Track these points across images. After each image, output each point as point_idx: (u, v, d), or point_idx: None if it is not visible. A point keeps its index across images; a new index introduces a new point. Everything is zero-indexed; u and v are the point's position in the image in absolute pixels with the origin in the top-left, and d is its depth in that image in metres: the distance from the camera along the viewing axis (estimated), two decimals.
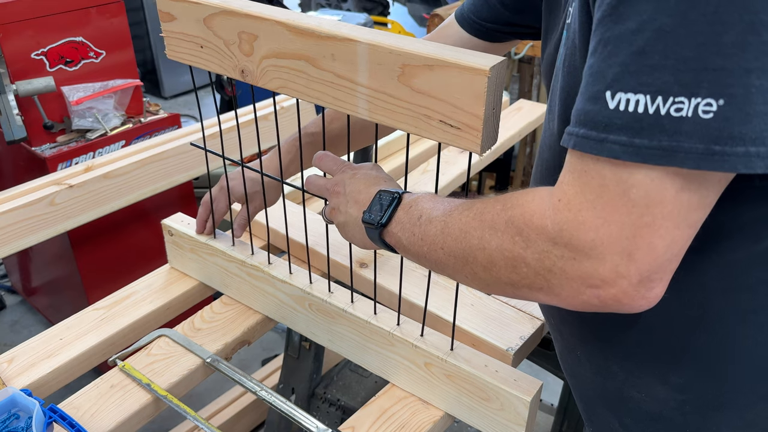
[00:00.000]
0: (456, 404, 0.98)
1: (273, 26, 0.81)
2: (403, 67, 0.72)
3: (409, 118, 0.75)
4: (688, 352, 0.69)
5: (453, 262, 0.68)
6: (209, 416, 1.95)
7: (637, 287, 0.55)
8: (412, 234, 0.73)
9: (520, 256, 0.60)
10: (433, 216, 0.71)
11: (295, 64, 0.82)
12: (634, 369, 0.74)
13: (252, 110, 1.66)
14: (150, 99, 2.59)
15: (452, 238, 0.67)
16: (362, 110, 0.78)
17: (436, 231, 0.70)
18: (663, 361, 0.71)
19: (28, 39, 1.82)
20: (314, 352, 1.45)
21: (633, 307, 0.57)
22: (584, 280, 0.57)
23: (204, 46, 0.91)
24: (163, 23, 0.95)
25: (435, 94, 0.71)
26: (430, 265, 0.74)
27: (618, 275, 0.55)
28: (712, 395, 0.70)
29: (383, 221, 0.76)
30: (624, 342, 0.73)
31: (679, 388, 0.71)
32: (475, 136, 0.70)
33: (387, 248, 0.79)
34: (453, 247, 0.67)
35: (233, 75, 0.89)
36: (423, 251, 0.72)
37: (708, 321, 0.67)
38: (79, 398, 1.04)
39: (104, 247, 2.02)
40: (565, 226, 0.56)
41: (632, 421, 0.78)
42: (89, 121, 1.96)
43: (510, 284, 0.63)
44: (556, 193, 0.58)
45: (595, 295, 0.57)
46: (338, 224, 0.86)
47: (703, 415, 0.71)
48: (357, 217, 0.81)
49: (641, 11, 0.51)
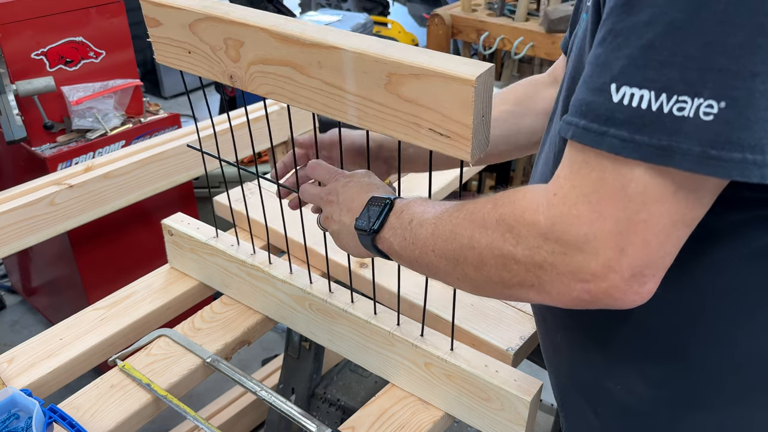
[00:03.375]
0: (456, 404, 0.98)
1: (257, 33, 0.80)
2: (389, 75, 0.71)
3: (398, 125, 0.74)
4: (670, 347, 0.69)
5: (444, 264, 0.68)
6: (209, 416, 1.94)
7: (629, 282, 0.55)
8: (403, 239, 0.73)
9: (510, 253, 0.60)
10: (424, 219, 0.71)
11: (283, 71, 0.80)
12: (614, 359, 0.74)
13: (252, 109, 1.66)
14: (150, 99, 2.59)
15: (443, 240, 0.67)
16: (352, 117, 0.78)
17: (426, 234, 0.69)
18: (643, 354, 0.71)
19: (28, 39, 1.82)
20: (314, 352, 1.45)
21: (625, 302, 0.57)
22: (575, 274, 0.56)
23: (192, 52, 0.90)
24: (150, 28, 0.93)
25: (423, 102, 0.70)
26: (422, 270, 0.73)
27: (609, 269, 0.55)
28: (687, 394, 0.69)
29: (375, 227, 0.76)
30: (607, 330, 0.73)
31: (656, 383, 0.71)
32: (464, 144, 0.69)
33: (381, 255, 0.78)
34: (444, 249, 0.67)
35: (222, 80, 0.88)
36: (415, 255, 0.71)
37: (693, 320, 0.67)
38: (79, 398, 1.04)
39: (104, 247, 2.02)
40: (558, 221, 0.56)
41: (607, 411, 0.78)
42: (89, 121, 1.96)
43: (501, 283, 0.63)
44: (552, 188, 0.58)
45: (586, 290, 0.57)
46: (332, 233, 0.85)
47: (675, 413, 0.71)
48: (350, 224, 0.80)
49: (654, 4, 0.50)
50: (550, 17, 2.38)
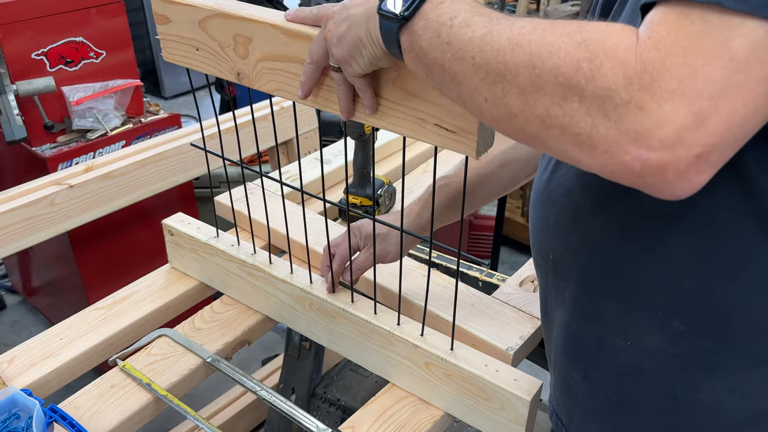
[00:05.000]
0: (456, 404, 0.98)
1: (267, 29, 0.81)
2: (398, 70, 0.72)
3: (404, 121, 0.74)
4: (704, 299, 0.65)
5: (479, 79, 0.57)
6: (209, 416, 1.95)
7: (692, 162, 0.48)
8: (437, 35, 0.60)
9: (578, 86, 0.50)
10: (472, 21, 0.58)
11: (291, 68, 0.81)
12: (634, 308, 0.70)
13: (247, 112, 1.66)
14: (150, 99, 2.59)
15: (493, 49, 0.55)
16: (359, 114, 0.78)
17: (473, 36, 0.57)
18: (672, 303, 0.67)
19: (29, 39, 1.82)
20: (314, 352, 1.45)
21: (672, 187, 0.50)
22: (639, 135, 0.49)
23: (200, 49, 0.91)
24: (159, 25, 0.94)
25: (430, 97, 0.71)
26: (440, 79, 0.62)
27: (680, 140, 0.48)
28: (707, 352, 0.67)
29: (407, 13, 0.62)
30: (637, 274, 0.69)
31: (676, 338, 0.68)
32: (470, 140, 0.70)
33: (395, 51, 0.66)
34: (490, 59, 0.56)
35: (229, 77, 0.89)
36: (443, 59, 0.60)
37: (731, 272, 0.63)
38: (79, 398, 1.04)
39: (104, 247, 2.02)
40: (650, 68, 0.48)
41: (600, 374, 0.75)
42: (89, 121, 1.96)
43: (541, 119, 0.53)
44: (645, 31, 0.50)
45: (640, 158, 0.49)
46: (338, 38, 0.71)
47: (688, 372, 0.69)
48: (371, 8, 0.67)
49: None
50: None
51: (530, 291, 1.19)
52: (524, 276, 1.23)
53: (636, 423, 0.75)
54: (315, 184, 1.52)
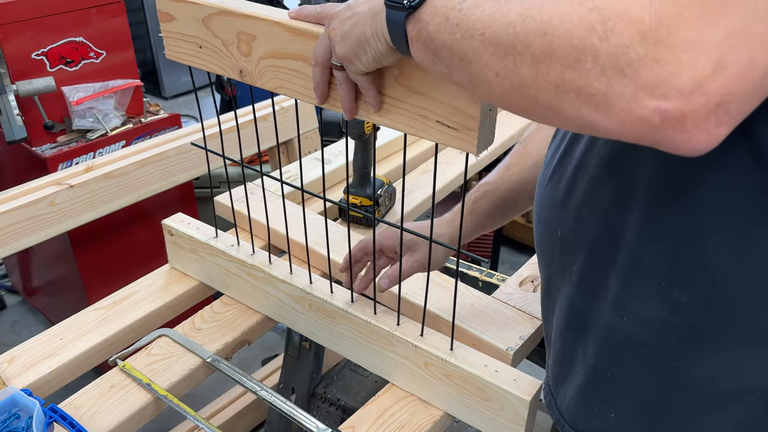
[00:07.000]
0: (456, 404, 0.98)
1: (271, 26, 0.81)
2: (400, 67, 0.72)
3: (406, 118, 0.75)
4: (707, 272, 0.66)
5: (490, 53, 0.56)
6: (209, 416, 1.95)
7: (711, 111, 0.47)
8: (446, 19, 0.60)
9: (592, 46, 0.50)
10: (481, 2, 0.58)
11: (294, 65, 0.82)
12: (636, 281, 0.71)
13: (247, 111, 1.66)
14: (150, 99, 2.58)
15: (504, 23, 0.55)
16: (361, 111, 0.78)
17: (482, 15, 0.57)
18: (676, 275, 0.67)
19: (29, 39, 1.82)
20: (314, 352, 1.45)
21: (691, 140, 0.49)
22: (656, 87, 0.48)
23: (203, 47, 0.91)
24: (162, 23, 0.95)
25: (431, 94, 0.71)
26: (448, 62, 0.61)
27: (699, 88, 0.47)
28: (706, 325, 0.67)
29: (415, 2, 0.62)
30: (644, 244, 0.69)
31: (675, 309, 0.68)
32: (471, 137, 0.70)
33: (401, 45, 0.66)
34: (501, 32, 0.55)
35: (232, 75, 0.89)
36: (451, 40, 0.59)
37: (736, 247, 0.64)
38: (79, 398, 1.04)
39: (104, 247, 2.02)
40: (666, 22, 0.47)
41: (594, 350, 0.76)
42: (90, 121, 1.96)
43: (555, 86, 0.53)
44: None
45: (659, 110, 0.48)
46: (342, 35, 0.71)
47: (685, 344, 0.69)
48: (375, 6, 0.67)
49: None
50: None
51: (530, 291, 1.19)
52: (524, 276, 1.23)
53: (627, 399, 0.76)
54: (315, 183, 1.52)
